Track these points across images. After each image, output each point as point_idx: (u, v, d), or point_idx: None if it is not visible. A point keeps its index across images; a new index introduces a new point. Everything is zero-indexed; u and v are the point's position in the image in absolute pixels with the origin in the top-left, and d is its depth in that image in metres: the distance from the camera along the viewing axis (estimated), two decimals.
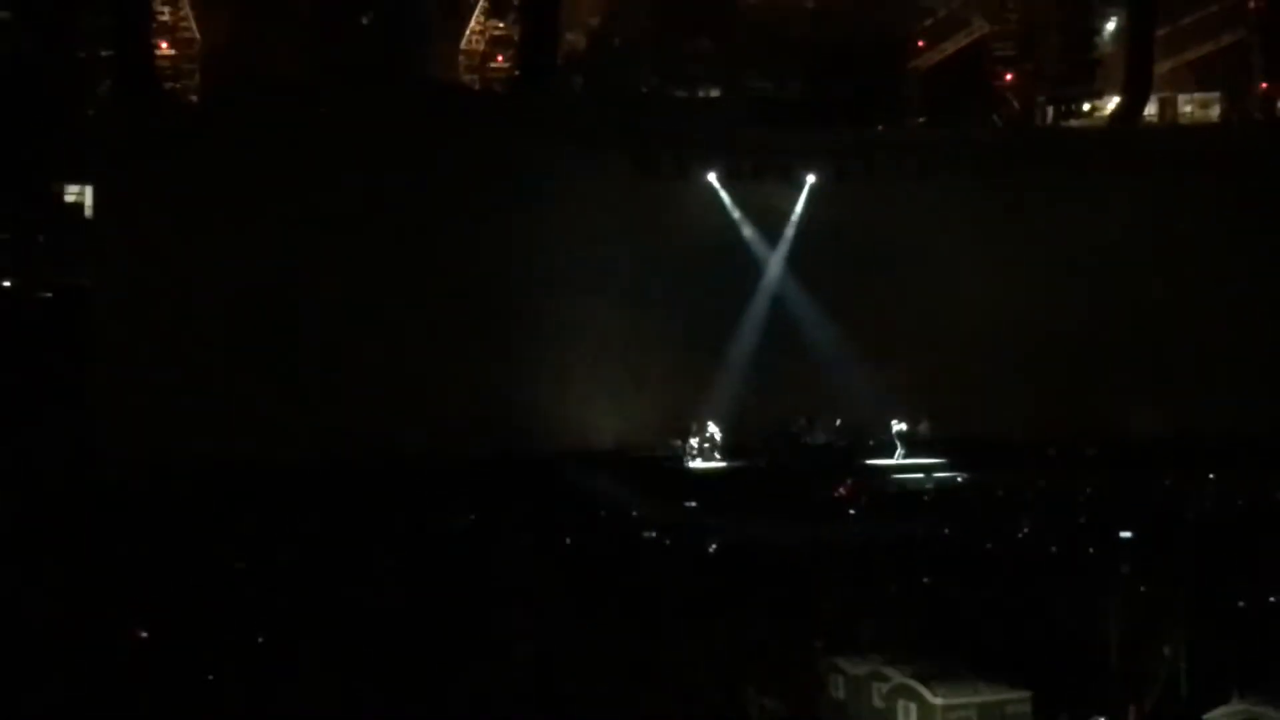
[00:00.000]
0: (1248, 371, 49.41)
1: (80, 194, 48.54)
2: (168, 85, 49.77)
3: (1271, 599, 24.88)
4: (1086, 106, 54.88)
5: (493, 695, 19.96)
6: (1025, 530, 34.43)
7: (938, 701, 18.83)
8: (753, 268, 51.21)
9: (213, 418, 44.82)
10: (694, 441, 47.42)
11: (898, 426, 47.74)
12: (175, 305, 45.99)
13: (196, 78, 50.53)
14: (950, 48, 55.67)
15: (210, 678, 21.14)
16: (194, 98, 50.30)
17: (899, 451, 47.29)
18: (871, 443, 48.01)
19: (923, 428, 48.01)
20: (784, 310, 50.58)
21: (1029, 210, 50.02)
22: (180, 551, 30.19)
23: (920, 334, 49.45)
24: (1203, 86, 55.00)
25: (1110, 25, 54.95)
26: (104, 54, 48.93)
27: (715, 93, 53.51)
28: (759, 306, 50.96)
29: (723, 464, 46.93)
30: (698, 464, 47.03)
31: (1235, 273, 49.78)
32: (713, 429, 47.67)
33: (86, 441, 44.32)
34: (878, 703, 19.67)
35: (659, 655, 22.06)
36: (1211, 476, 42.24)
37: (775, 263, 51.14)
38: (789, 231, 50.86)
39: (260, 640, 23.18)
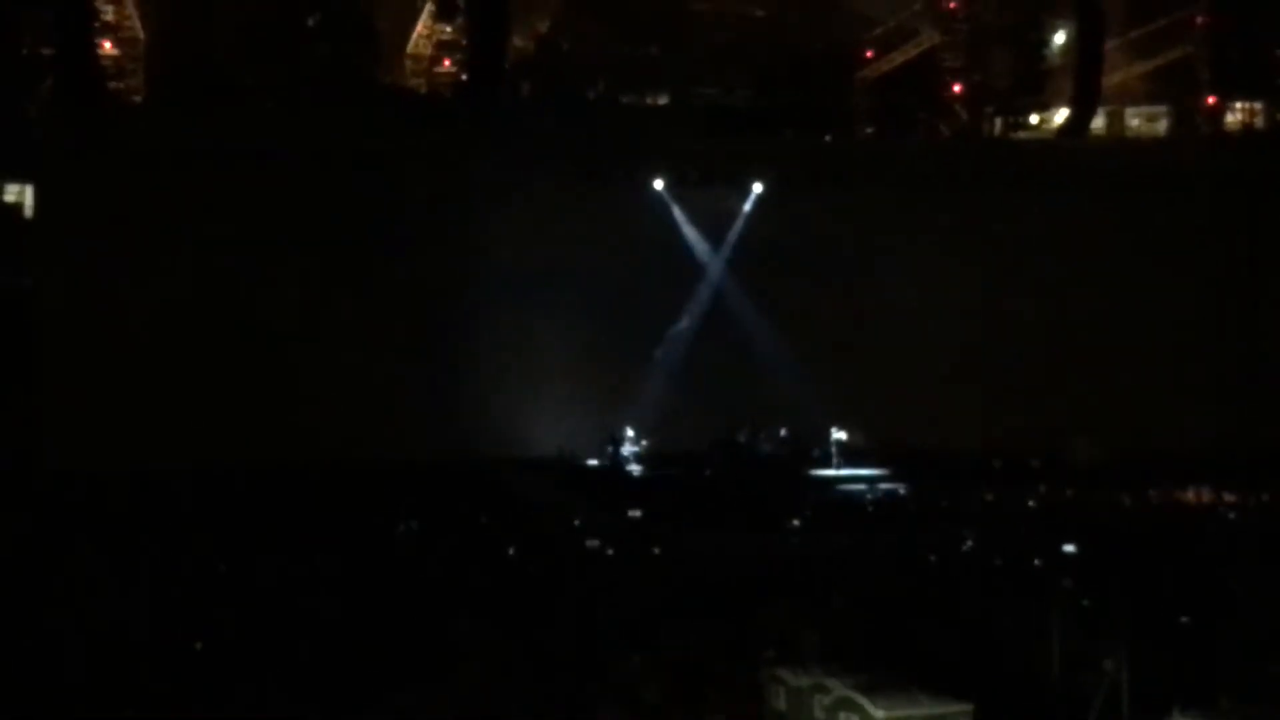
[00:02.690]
0: (1194, 387, 49.51)
1: (20, 193, 48.04)
2: (111, 85, 49.44)
3: (1211, 615, 24.90)
4: (1034, 119, 54.97)
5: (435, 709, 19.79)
6: (970, 543, 34.41)
7: (879, 714, 18.73)
8: (699, 276, 51.24)
9: (157, 422, 44.54)
10: (633, 449, 47.41)
11: (836, 435, 47.66)
12: (119, 307, 45.64)
13: (140, 77, 50.16)
14: (899, 58, 55.64)
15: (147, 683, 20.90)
16: (137, 98, 49.97)
17: (835, 461, 47.23)
18: (816, 453, 47.95)
19: (857, 438, 47.96)
20: (730, 318, 50.57)
21: (976, 221, 50.06)
22: (120, 556, 29.93)
23: (865, 344, 49.46)
24: (1150, 100, 55.17)
25: (1059, 38, 55.03)
26: (46, 52, 48.50)
27: (664, 100, 53.39)
28: (705, 315, 50.99)
29: (666, 472, 46.80)
30: (639, 472, 46.93)
31: (1180, 286, 49.92)
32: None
33: (27, 444, 43.99)
34: (819, 714, 19.55)
35: (600, 668, 21.94)
36: (1153, 492, 42.48)
37: (721, 271, 51.14)
38: (734, 240, 50.87)
39: (199, 644, 22.97)
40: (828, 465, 47.23)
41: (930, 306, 49.74)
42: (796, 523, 39.22)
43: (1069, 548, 32.86)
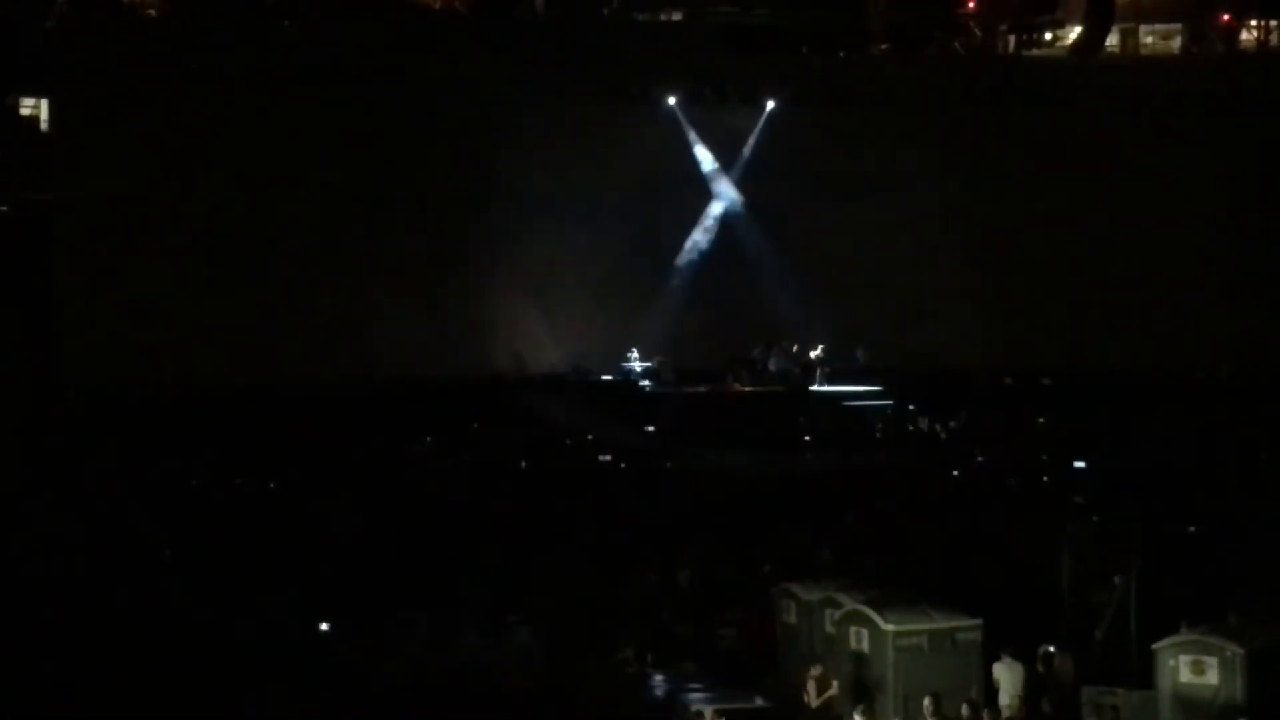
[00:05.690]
0: (1208, 307, 49.48)
1: (36, 107, 48.09)
2: None
3: (1219, 531, 25.14)
4: (1048, 36, 54.77)
5: (450, 622, 20.02)
6: (980, 459, 34.66)
7: (889, 627, 18.96)
8: (712, 194, 51.37)
9: (175, 341, 44.77)
10: (648, 365, 47.61)
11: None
12: (137, 224, 45.78)
13: None
14: None
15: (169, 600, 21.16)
16: (152, 11, 49.85)
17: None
18: (828, 370, 48.09)
19: (860, 354, 48.04)
20: (742, 236, 50.72)
21: (988, 139, 50.01)
22: (141, 473, 30.22)
23: (878, 262, 49.52)
24: (1165, 18, 54.88)
25: None
26: None
27: (678, 16, 53.20)
28: (717, 232, 51.14)
29: (679, 388, 47.00)
30: (652, 388, 47.14)
31: (1193, 205, 49.84)
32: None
33: (46, 362, 44.24)
34: (829, 628, 19.80)
35: (614, 581, 22.20)
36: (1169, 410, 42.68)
37: (734, 189, 51.24)
38: (746, 157, 50.94)
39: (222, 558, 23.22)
40: (838, 382, 47.39)
41: (943, 225, 49.76)
42: (807, 438, 39.57)
43: (1079, 464, 33.14)
